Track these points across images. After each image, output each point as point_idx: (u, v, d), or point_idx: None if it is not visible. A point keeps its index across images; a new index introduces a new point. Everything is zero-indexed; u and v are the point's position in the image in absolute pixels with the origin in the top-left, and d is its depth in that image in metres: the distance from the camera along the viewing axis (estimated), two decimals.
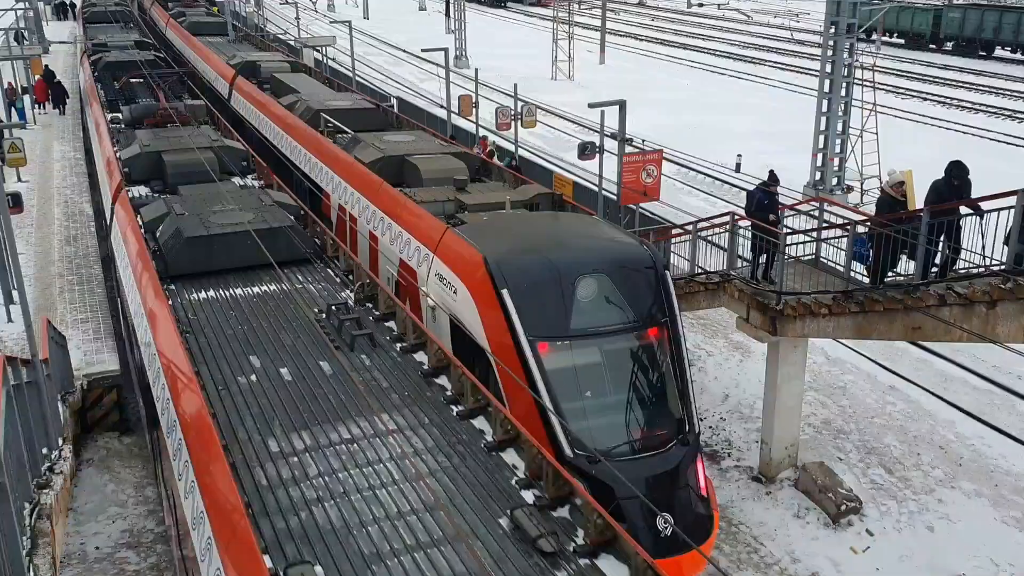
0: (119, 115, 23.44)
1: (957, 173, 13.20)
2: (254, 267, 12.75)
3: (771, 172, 15.81)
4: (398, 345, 10.72)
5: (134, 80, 26.95)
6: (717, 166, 34.10)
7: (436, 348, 10.24)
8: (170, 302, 11.55)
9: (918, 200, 13.68)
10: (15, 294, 18.55)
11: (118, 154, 18.61)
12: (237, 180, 17.16)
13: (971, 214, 12.49)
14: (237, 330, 11.05)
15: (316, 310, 11.49)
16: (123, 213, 15.44)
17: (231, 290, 12.46)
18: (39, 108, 39.78)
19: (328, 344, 10.48)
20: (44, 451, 13.69)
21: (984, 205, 12.35)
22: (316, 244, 14.21)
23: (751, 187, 16.87)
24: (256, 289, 12.44)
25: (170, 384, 9.76)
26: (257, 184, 17.53)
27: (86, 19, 49.58)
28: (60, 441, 14.54)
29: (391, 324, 11.40)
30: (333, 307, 11.20)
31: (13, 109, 36.19)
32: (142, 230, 14.05)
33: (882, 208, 14.37)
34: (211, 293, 12.36)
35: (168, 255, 12.96)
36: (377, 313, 11.71)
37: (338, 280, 13.04)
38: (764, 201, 15.16)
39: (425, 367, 10.23)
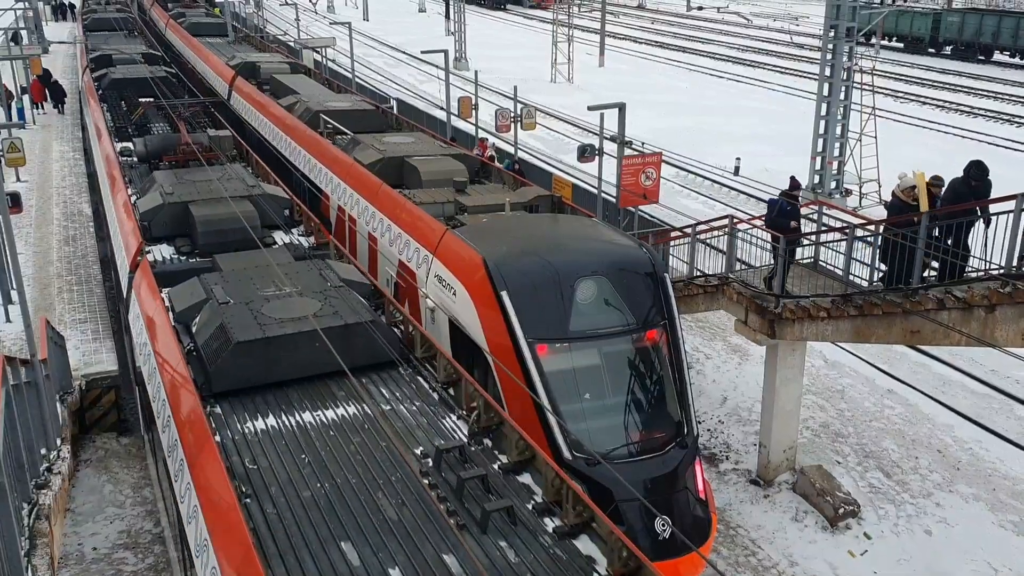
0: (130, 146, 20.20)
1: (976, 173, 12.84)
2: (321, 375, 9.81)
3: (793, 179, 15.61)
4: (550, 524, 7.43)
5: (146, 102, 23.92)
6: (716, 169, 34.13)
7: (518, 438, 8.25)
8: (217, 438, 8.55)
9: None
10: (14, 294, 18.55)
11: (135, 202, 15.65)
12: (281, 235, 14.41)
13: (977, 218, 12.37)
14: (316, 491, 7.73)
15: (419, 451, 8.45)
16: (146, 294, 12.05)
17: (295, 415, 9.10)
18: (38, 109, 39.77)
19: (447, 522, 7.25)
20: (42, 451, 13.68)
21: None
22: (400, 339, 10.79)
23: (773, 196, 16.43)
24: (329, 413, 9.15)
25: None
26: (306, 241, 14.41)
27: (86, 26, 44.79)
28: (58, 441, 14.52)
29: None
30: (443, 450, 8.15)
31: (12, 109, 36.17)
32: (172, 321, 10.91)
33: (894, 213, 13.95)
34: (269, 421, 8.99)
35: (212, 364, 9.55)
36: (503, 458, 8.46)
37: (435, 394, 9.70)
38: (786, 208, 14.99)
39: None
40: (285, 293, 10.62)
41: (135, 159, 19.27)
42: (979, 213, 12.37)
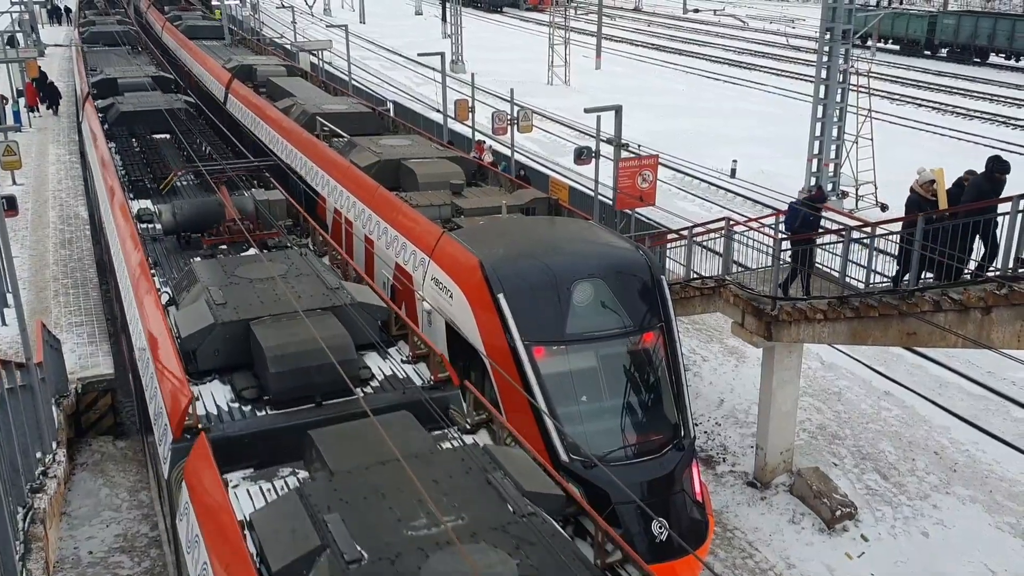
0: (149, 210, 15.04)
1: (999, 167, 12.50)
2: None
3: (819, 187, 15.52)
4: None
5: (179, 170, 17.59)
6: (713, 171, 34.16)
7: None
8: None
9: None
10: (9, 297, 18.48)
11: (172, 316, 10.64)
12: (377, 359, 9.87)
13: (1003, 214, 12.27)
14: None
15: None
16: (208, 501, 7.47)
17: None
18: (34, 112, 39.73)
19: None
20: (38, 455, 13.66)
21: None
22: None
23: (793, 200, 16.27)
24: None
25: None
26: (417, 377, 9.53)
27: (85, 39, 38.89)
28: (54, 445, 14.49)
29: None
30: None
31: (8, 112, 36.13)
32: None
33: (912, 209, 13.57)
34: None
35: None
36: None
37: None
38: (809, 218, 14.88)
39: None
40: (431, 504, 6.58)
41: (158, 227, 14.61)
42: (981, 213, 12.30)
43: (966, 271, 12.38)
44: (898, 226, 13.73)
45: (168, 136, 21.14)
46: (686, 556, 10.24)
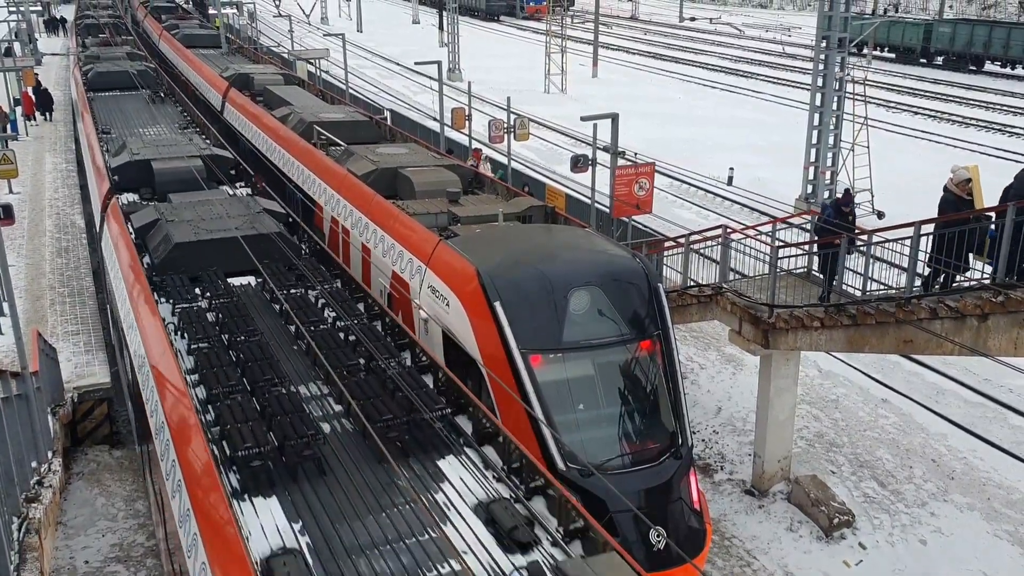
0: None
1: None
2: None
3: (847, 191, 15.33)
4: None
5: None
6: (709, 179, 34.21)
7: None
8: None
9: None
10: (5, 306, 18.45)
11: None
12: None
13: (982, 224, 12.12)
14: None
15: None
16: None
17: None
18: (30, 120, 39.76)
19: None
20: (33, 464, 13.60)
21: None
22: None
23: (827, 203, 16.11)
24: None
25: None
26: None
27: (89, 83, 28.75)
28: (50, 454, 14.45)
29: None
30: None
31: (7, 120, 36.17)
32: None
33: (946, 208, 13.09)
34: None
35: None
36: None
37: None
38: (833, 219, 14.74)
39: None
40: None
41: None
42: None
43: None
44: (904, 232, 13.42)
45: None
46: (684, 565, 10.21)
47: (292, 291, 11.99)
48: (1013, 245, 11.53)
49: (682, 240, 17.84)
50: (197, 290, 12.23)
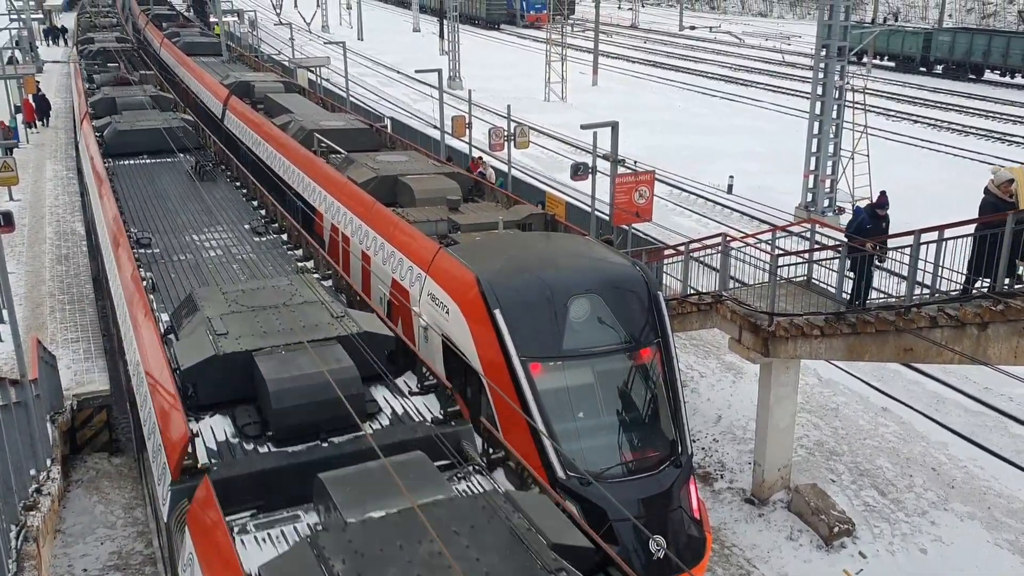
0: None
1: None
2: None
3: (883, 193, 14.96)
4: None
5: None
6: (709, 187, 34.25)
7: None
8: None
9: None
10: (5, 313, 18.43)
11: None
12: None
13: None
14: None
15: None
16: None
17: None
18: (31, 128, 39.82)
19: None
20: (32, 472, 13.56)
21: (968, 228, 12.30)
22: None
23: (859, 206, 15.57)
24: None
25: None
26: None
27: (102, 133, 22.35)
28: (48, 462, 14.42)
29: None
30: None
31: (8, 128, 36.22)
32: None
33: (986, 211, 12.68)
34: None
35: None
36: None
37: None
38: (867, 226, 14.31)
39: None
40: None
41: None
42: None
43: None
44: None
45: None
46: (683, 574, 10.19)
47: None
48: None
49: (682, 248, 17.85)
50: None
